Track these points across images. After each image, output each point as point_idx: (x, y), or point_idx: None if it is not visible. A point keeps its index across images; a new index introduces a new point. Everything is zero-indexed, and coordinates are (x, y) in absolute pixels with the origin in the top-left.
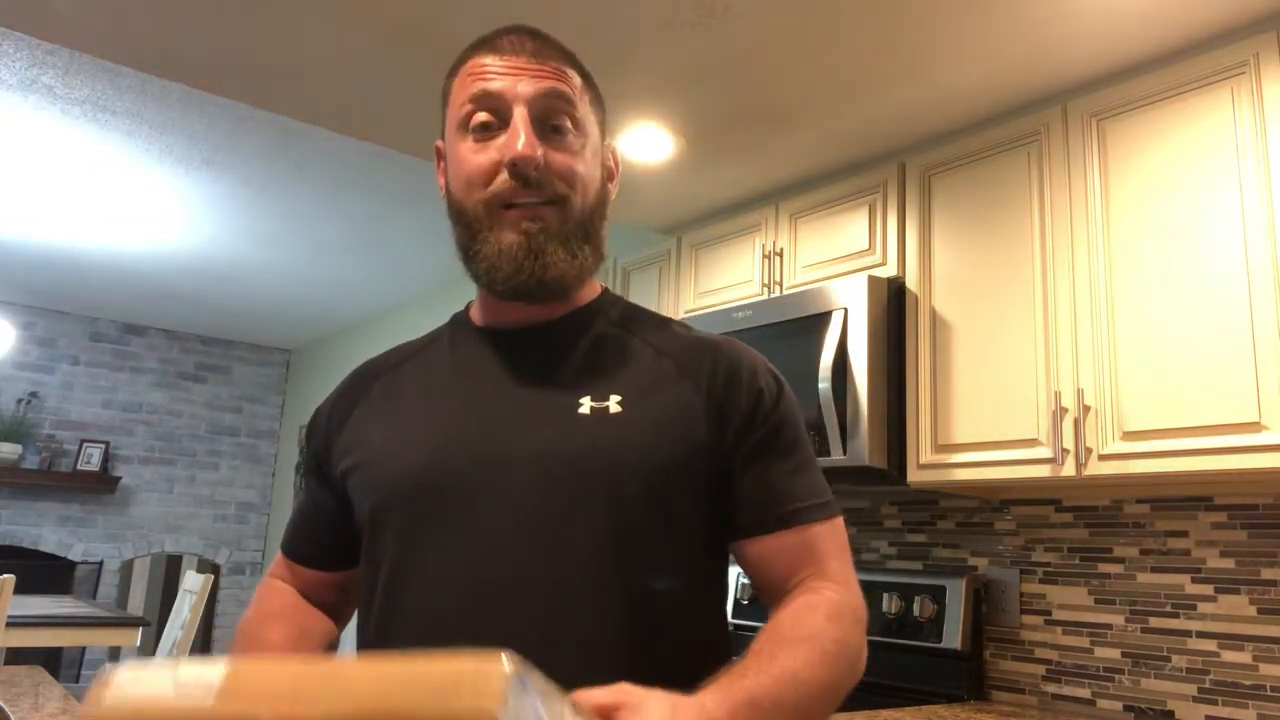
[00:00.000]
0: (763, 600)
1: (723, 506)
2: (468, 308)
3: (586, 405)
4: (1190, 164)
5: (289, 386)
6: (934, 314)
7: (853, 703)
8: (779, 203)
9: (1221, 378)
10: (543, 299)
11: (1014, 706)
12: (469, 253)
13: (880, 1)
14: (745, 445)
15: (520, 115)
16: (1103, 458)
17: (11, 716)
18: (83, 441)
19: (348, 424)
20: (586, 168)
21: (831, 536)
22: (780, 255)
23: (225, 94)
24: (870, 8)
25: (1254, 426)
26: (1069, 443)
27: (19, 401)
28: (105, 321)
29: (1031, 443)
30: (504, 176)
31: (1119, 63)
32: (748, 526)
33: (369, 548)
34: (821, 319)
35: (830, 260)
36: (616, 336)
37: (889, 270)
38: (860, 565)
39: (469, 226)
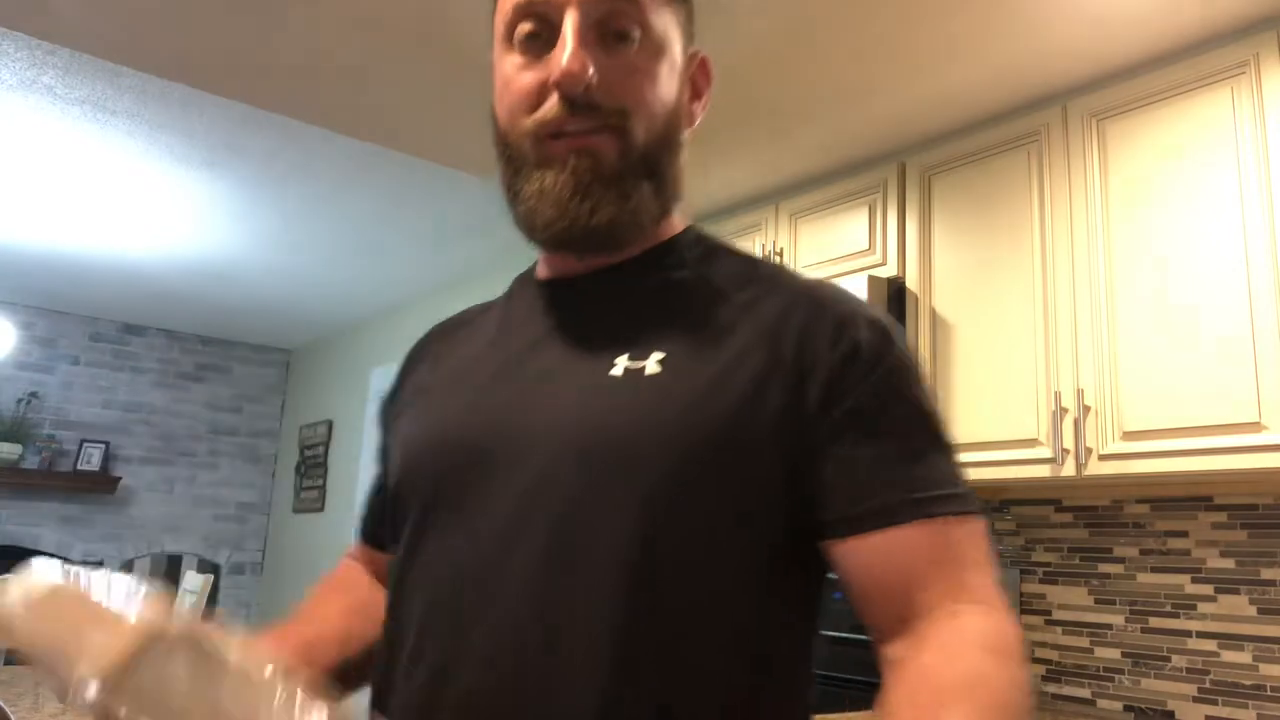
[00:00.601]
0: (867, 629)
1: (810, 499)
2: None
3: (621, 365)
4: (1190, 164)
5: (289, 386)
6: (934, 314)
7: (852, 703)
8: (779, 202)
9: (1221, 378)
10: (590, 249)
11: None
12: (511, 193)
13: (880, 2)
14: (833, 415)
15: (571, 23)
16: (1103, 458)
17: (12, 716)
18: (83, 441)
19: (402, 395)
20: (657, 85)
21: (971, 540)
22: (780, 255)
23: (225, 94)
24: (870, 8)
25: (1254, 426)
26: (1069, 442)
27: (19, 401)
28: (105, 321)
29: (1031, 443)
30: (553, 100)
31: (1119, 63)
32: (837, 523)
33: (395, 532)
34: None
35: (830, 260)
36: (683, 282)
37: (889, 270)
38: None
39: (511, 162)
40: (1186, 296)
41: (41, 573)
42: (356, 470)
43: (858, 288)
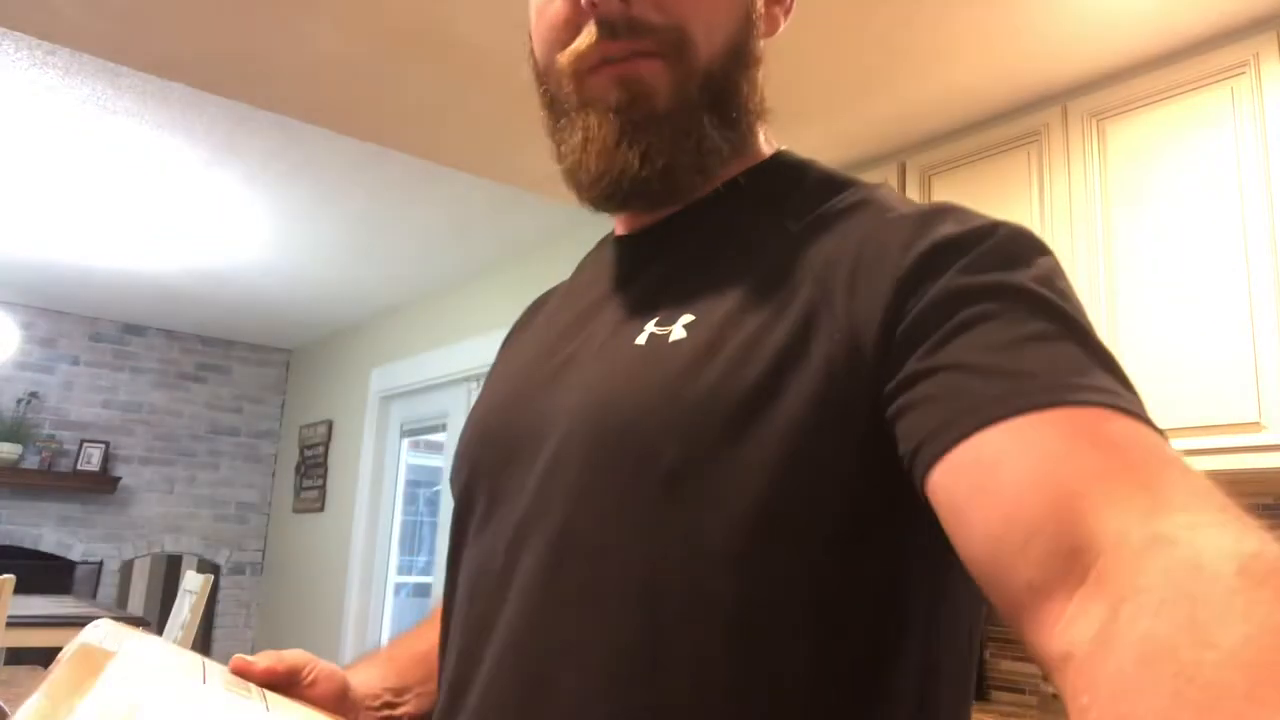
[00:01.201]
0: (997, 607)
1: (892, 463)
2: None
3: (648, 331)
4: (1190, 164)
5: (289, 386)
6: None
7: None
8: None
9: (1221, 377)
10: (646, 204)
11: (1014, 706)
12: (556, 147)
13: (880, 2)
14: (906, 330)
15: None
16: None
17: (11, 716)
18: (83, 441)
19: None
20: None
21: (1149, 441)
22: None
23: (225, 94)
24: (870, 8)
25: (1254, 426)
26: None
27: (19, 401)
28: (105, 321)
29: None
30: (589, 28)
31: (1119, 63)
32: (920, 451)
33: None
34: None
35: None
36: (745, 225)
37: None
38: None
39: (552, 109)
40: (1186, 297)
41: (92, 633)
42: (356, 470)
43: None
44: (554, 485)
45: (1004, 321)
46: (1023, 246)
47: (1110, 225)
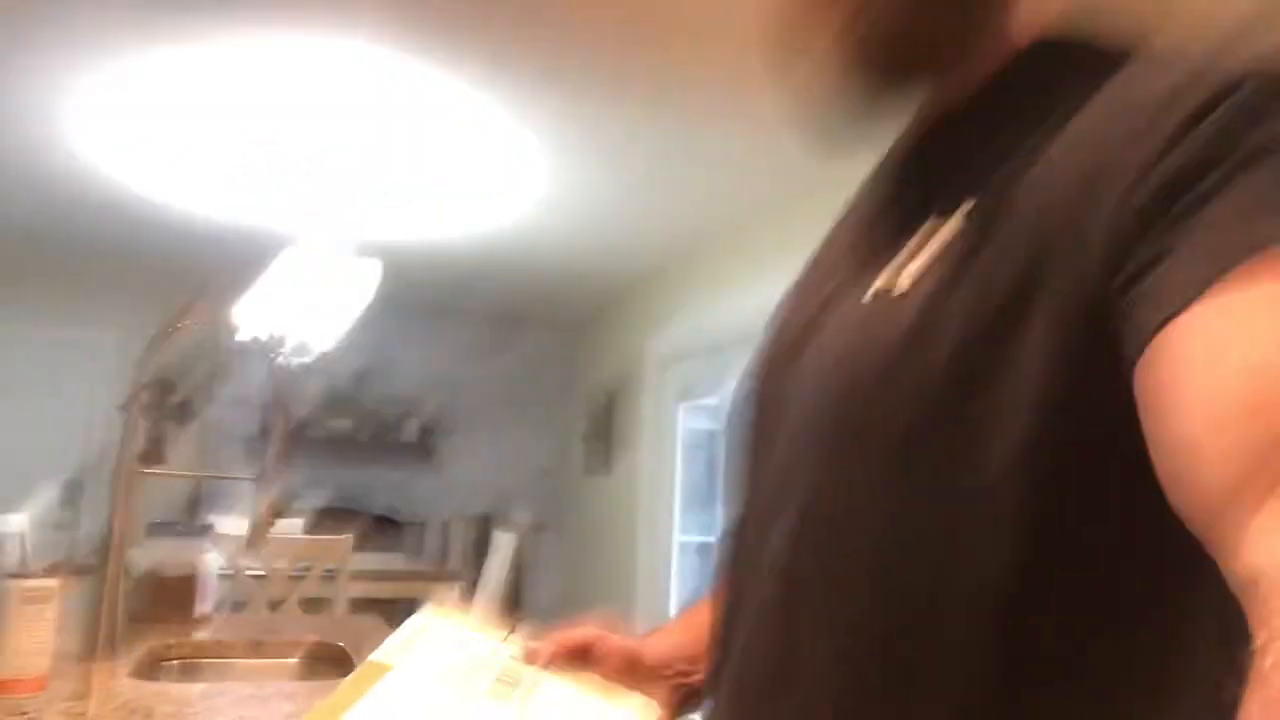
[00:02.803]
0: (1188, 522)
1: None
2: None
3: (873, 288)
4: None
5: (578, 355)
6: None
7: None
8: None
9: None
10: (858, 83)
11: None
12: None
13: None
14: (1148, 201)
15: None
16: None
17: (356, 659)
18: (405, 412)
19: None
20: None
21: None
22: None
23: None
24: None
25: None
26: None
27: (351, 378)
28: (418, 300)
29: None
30: None
31: None
32: (1129, 344)
33: None
34: None
35: None
36: (1012, 129)
37: None
38: None
39: None
40: None
41: (381, 651)
42: (638, 435)
43: None
44: (796, 458)
45: (1238, 197)
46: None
47: None
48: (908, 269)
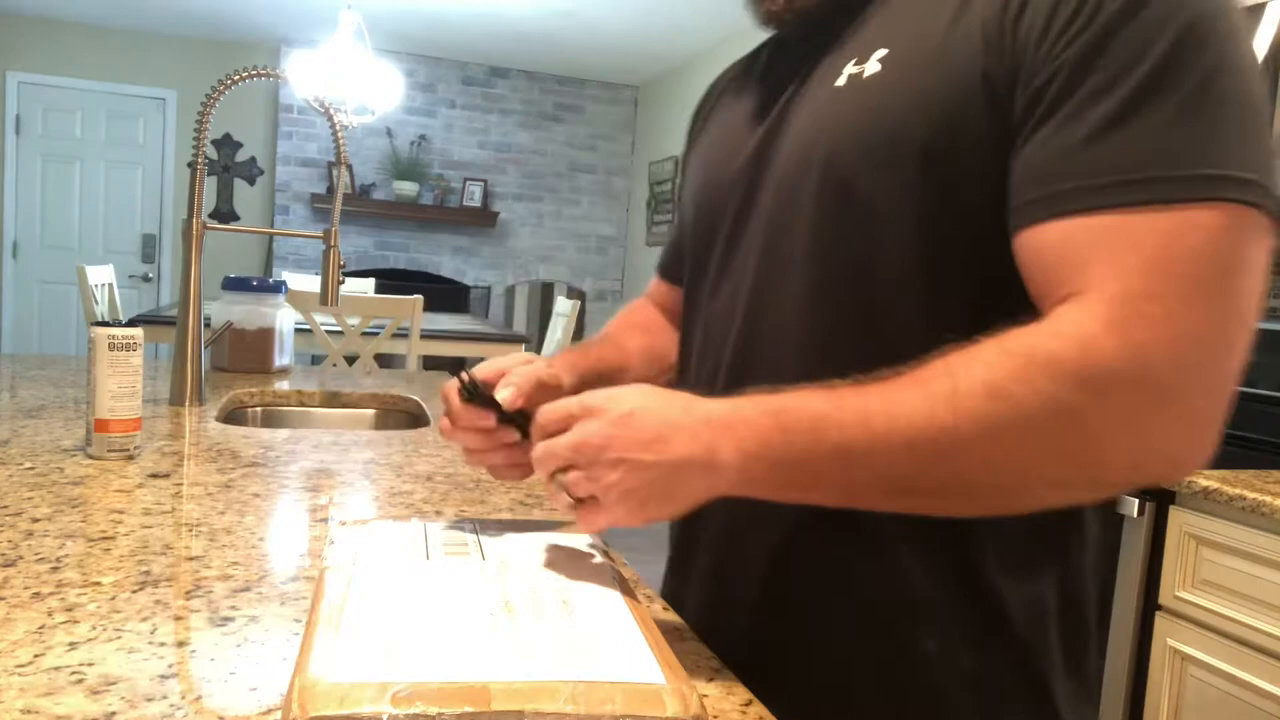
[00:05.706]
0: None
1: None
2: None
3: (847, 71)
4: None
5: (639, 123)
6: None
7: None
8: None
9: None
10: None
11: None
12: None
13: None
14: (1037, 82)
15: None
16: None
17: (429, 412)
18: (465, 180)
19: (704, 123)
20: None
21: (1127, 238)
22: None
23: None
24: None
25: None
26: None
27: (411, 144)
28: (474, 65)
29: None
30: None
31: None
32: (1011, 216)
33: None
34: None
35: None
36: None
37: None
38: None
39: None
40: None
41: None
42: None
43: None
44: (772, 223)
45: (1101, 96)
46: (1177, 17)
47: None
48: (876, 54)
